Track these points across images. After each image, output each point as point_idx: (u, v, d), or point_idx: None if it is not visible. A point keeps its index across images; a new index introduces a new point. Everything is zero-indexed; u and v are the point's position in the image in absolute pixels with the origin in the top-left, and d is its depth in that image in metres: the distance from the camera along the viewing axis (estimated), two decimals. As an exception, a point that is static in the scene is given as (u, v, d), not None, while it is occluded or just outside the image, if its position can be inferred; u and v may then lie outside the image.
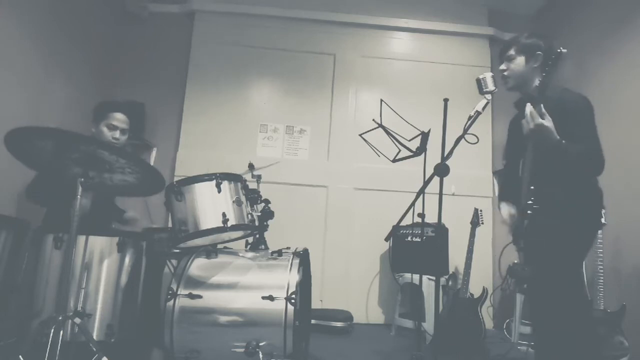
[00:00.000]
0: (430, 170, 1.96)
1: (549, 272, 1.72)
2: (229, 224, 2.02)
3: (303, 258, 2.17)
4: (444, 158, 1.93)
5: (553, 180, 1.73)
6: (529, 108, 1.65)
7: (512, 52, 1.89)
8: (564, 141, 1.64)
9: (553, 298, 1.72)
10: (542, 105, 1.63)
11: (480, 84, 1.91)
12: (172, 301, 1.92)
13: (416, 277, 2.87)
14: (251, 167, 2.98)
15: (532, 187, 1.72)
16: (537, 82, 1.86)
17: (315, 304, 3.11)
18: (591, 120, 1.75)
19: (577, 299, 1.74)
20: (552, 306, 1.73)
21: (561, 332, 1.71)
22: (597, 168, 1.72)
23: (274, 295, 1.91)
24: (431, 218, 2.38)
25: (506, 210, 1.94)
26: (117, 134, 2.35)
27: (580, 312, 1.72)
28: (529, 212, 1.71)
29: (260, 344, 1.86)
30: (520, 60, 1.88)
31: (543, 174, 1.72)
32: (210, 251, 2.14)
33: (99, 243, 1.94)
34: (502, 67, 1.94)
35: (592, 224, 1.79)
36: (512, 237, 1.92)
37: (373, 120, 2.65)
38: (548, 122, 1.62)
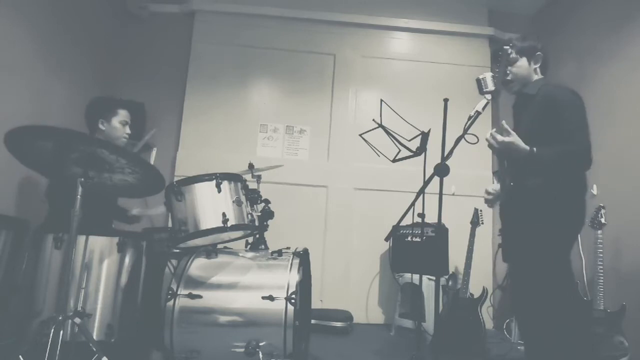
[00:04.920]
0: (430, 170, 1.96)
1: (529, 267, 1.73)
2: (229, 224, 2.02)
3: (303, 258, 2.16)
4: (444, 158, 1.93)
5: (533, 174, 1.74)
6: (489, 133, 1.72)
7: (513, 55, 1.91)
8: (534, 149, 1.65)
9: (535, 293, 1.72)
10: (503, 121, 1.67)
11: (480, 84, 1.91)
12: (172, 301, 1.92)
13: (416, 277, 2.87)
14: (251, 167, 2.98)
15: (511, 183, 1.73)
16: (534, 79, 1.90)
17: (315, 304, 3.11)
18: (580, 115, 1.74)
19: (562, 293, 1.72)
20: (533, 301, 1.74)
21: (544, 329, 1.71)
22: (581, 165, 1.71)
23: (274, 295, 1.91)
24: (431, 218, 2.38)
25: (494, 185, 2.01)
26: (127, 129, 2.44)
27: (565, 306, 1.71)
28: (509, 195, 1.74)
29: (260, 344, 1.86)
30: (523, 62, 1.90)
31: (524, 172, 1.73)
32: (210, 251, 2.14)
33: (99, 243, 1.95)
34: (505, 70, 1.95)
35: (574, 218, 1.77)
36: (499, 236, 1.94)
37: (373, 120, 2.65)
38: (511, 137, 1.66)
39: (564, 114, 1.72)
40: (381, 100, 2.69)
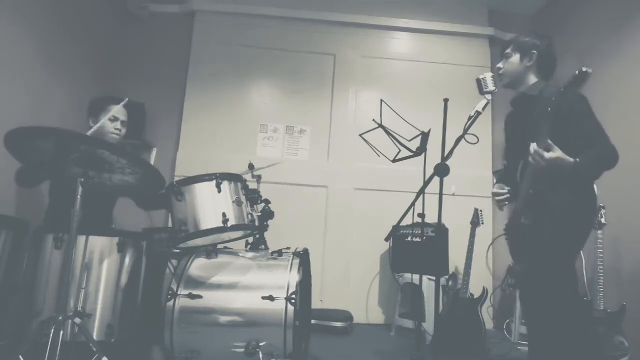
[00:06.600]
0: (430, 170, 1.96)
1: (541, 269, 1.73)
2: (229, 224, 2.02)
3: (303, 258, 2.17)
4: (444, 158, 1.93)
5: (553, 185, 1.73)
6: (533, 147, 1.62)
7: (509, 50, 1.92)
8: (577, 159, 1.62)
9: (544, 296, 1.73)
10: (548, 139, 1.59)
11: (480, 84, 1.92)
12: (172, 301, 1.92)
13: (416, 277, 2.87)
14: (251, 167, 2.98)
15: (530, 191, 1.72)
16: (532, 80, 1.88)
17: (315, 304, 3.11)
18: (591, 114, 1.75)
19: (569, 297, 1.74)
20: (543, 304, 1.74)
21: (553, 330, 1.71)
22: (614, 163, 1.72)
23: (274, 295, 1.91)
24: (431, 218, 2.38)
25: (498, 185, 1.96)
26: (118, 124, 2.37)
27: (571, 309, 1.72)
28: (522, 221, 1.73)
29: (260, 344, 1.86)
30: (515, 58, 1.89)
31: (544, 179, 1.71)
32: (210, 251, 2.14)
33: (99, 243, 1.95)
34: (499, 65, 1.96)
35: (585, 225, 1.79)
36: (505, 231, 1.93)
37: (373, 120, 2.65)
38: (556, 152, 1.60)
39: (578, 118, 1.71)
40: (381, 100, 2.69)
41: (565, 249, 1.73)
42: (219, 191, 2.06)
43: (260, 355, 1.82)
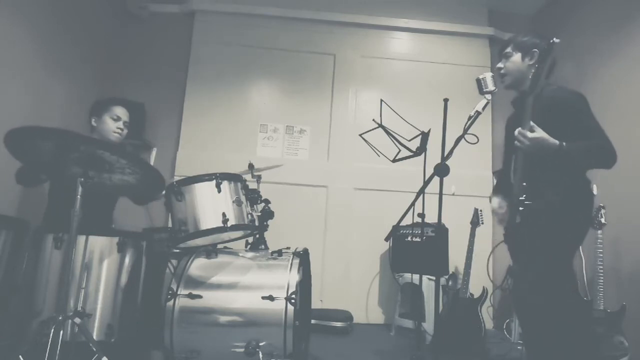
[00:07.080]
0: (430, 170, 1.96)
1: (537, 269, 1.72)
2: (229, 224, 2.02)
3: (303, 258, 2.16)
4: (444, 158, 1.93)
5: (545, 181, 1.73)
6: (517, 130, 1.67)
7: (509, 49, 1.91)
8: (564, 143, 1.64)
9: (542, 295, 1.72)
10: (530, 121, 1.64)
11: (480, 84, 1.92)
12: (172, 301, 1.92)
13: (416, 277, 2.87)
14: (251, 167, 2.98)
15: (524, 184, 1.72)
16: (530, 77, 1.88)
17: (315, 304, 3.11)
18: (590, 113, 1.76)
19: (569, 296, 1.74)
20: (541, 304, 1.73)
21: (552, 330, 1.71)
22: (609, 160, 1.72)
23: (274, 295, 1.91)
24: (431, 218, 2.39)
25: (496, 201, 1.97)
26: (120, 124, 2.39)
27: (571, 309, 1.72)
28: (520, 208, 1.71)
29: (260, 344, 1.86)
30: (517, 58, 1.89)
31: (535, 173, 1.72)
32: (210, 251, 2.14)
33: (99, 243, 1.94)
34: (499, 64, 1.96)
35: (582, 223, 1.79)
36: (504, 235, 1.93)
37: (373, 120, 2.65)
38: (539, 132, 1.63)
39: (579, 116, 1.73)
40: (381, 100, 2.69)
41: (561, 247, 1.72)
42: (219, 191, 2.06)
43: (260, 355, 1.82)
